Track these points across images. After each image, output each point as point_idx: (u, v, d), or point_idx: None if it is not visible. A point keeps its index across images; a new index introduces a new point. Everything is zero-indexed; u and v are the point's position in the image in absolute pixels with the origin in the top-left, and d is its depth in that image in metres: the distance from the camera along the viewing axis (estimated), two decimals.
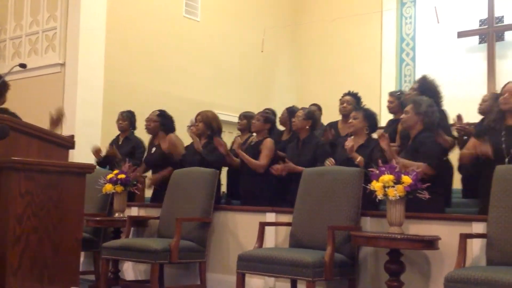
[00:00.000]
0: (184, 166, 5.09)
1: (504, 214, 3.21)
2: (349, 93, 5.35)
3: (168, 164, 5.28)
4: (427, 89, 4.65)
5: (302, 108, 5.16)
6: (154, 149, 5.46)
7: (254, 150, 5.10)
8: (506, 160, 3.58)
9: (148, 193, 5.74)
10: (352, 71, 9.10)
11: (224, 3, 8.95)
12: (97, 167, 5.68)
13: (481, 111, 4.92)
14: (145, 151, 5.66)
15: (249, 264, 3.74)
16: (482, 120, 4.82)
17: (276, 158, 5.03)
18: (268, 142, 5.06)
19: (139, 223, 5.03)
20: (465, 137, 4.55)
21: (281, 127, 5.94)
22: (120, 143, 5.80)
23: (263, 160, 4.97)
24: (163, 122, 5.45)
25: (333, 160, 4.44)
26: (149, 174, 5.67)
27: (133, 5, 7.75)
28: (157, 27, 7.96)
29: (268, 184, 4.99)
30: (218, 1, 8.88)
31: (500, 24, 8.26)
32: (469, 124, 4.75)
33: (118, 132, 5.90)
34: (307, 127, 4.94)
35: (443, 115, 4.62)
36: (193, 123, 5.81)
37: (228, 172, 5.59)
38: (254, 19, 9.22)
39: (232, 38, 8.91)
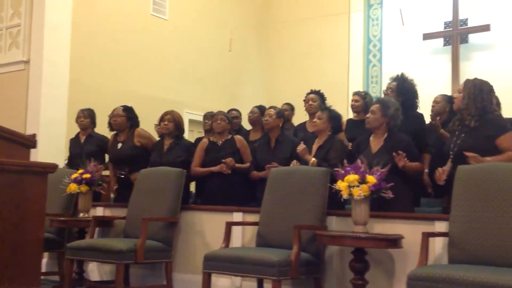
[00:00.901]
0: (152, 165, 5.05)
1: (465, 213, 3.27)
2: (312, 92, 5.38)
3: (142, 159, 5.22)
4: (406, 88, 4.58)
5: (272, 107, 5.16)
6: (120, 145, 5.38)
7: (229, 150, 5.03)
8: (450, 158, 3.66)
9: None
10: (320, 71, 9.17)
11: (193, 1, 8.92)
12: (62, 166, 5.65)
13: (434, 112, 4.98)
14: None
15: (215, 264, 3.74)
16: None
17: None
18: (243, 140, 5.11)
19: (105, 223, 4.97)
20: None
21: (248, 126, 5.96)
22: (82, 141, 5.72)
23: (248, 161, 5.01)
24: (129, 117, 5.41)
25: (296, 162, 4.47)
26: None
27: (99, 3, 7.65)
28: (124, 25, 7.88)
29: (235, 184, 4.98)
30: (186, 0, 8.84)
31: (464, 27, 8.42)
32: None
33: (78, 131, 5.84)
34: (280, 125, 4.98)
35: (421, 118, 4.60)
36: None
37: None
38: (223, 18, 9.22)
39: (201, 37, 8.88)
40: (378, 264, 3.74)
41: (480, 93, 3.66)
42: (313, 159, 4.34)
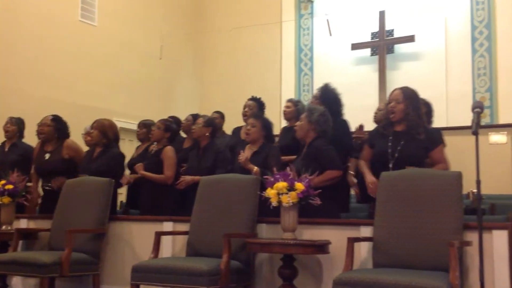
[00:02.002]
0: (81, 174, 4.91)
1: (388, 218, 3.37)
2: (252, 98, 5.42)
3: (70, 171, 5.05)
4: (328, 97, 4.78)
5: (203, 116, 5.16)
6: (48, 155, 5.20)
7: (155, 159, 5.04)
8: (390, 164, 3.77)
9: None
10: (253, 79, 9.24)
11: (122, 8, 8.77)
12: None
13: (376, 120, 5.12)
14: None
15: (144, 275, 3.67)
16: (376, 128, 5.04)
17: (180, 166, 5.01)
18: (169, 151, 5.03)
19: (28, 236, 4.79)
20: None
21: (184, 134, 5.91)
22: (6, 150, 5.50)
23: (167, 171, 4.94)
24: (58, 127, 5.24)
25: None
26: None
27: (24, 8, 7.38)
28: (50, 31, 7.64)
29: (168, 193, 4.94)
30: (116, 5, 8.68)
31: (390, 37, 8.71)
32: (365, 132, 4.93)
33: (4, 140, 5.61)
34: (207, 134, 4.96)
35: (344, 124, 4.77)
36: (88, 131, 5.64)
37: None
38: (154, 25, 9.12)
39: (131, 43, 8.75)
40: (307, 269, 3.79)
41: (418, 105, 3.84)
42: (256, 168, 4.35)
